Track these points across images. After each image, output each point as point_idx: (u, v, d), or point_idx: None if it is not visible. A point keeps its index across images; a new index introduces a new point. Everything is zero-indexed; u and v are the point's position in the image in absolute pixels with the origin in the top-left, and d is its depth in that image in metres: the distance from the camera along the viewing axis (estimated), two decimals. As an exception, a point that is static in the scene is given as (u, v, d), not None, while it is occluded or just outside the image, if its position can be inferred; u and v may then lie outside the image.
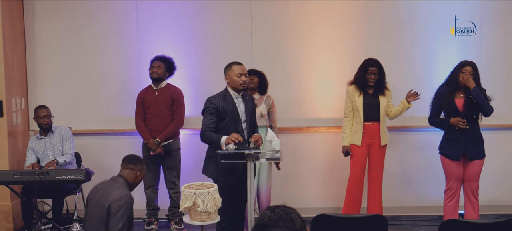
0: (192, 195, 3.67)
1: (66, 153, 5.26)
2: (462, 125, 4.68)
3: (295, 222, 2.01)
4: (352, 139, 5.15)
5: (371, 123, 5.11)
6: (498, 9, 5.68)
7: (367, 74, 5.06)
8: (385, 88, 5.17)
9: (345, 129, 5.18)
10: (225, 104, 4.17)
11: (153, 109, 5.28)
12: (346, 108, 5.18)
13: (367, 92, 5.14)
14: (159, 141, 5.21)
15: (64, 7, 5.74)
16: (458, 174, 4.83)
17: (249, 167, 3.92)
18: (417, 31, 5.72)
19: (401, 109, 5.17)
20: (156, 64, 5.29)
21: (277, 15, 5.75)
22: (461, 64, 4.78)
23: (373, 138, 5.13)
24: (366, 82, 5.09)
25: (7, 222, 5.40)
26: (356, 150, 5.14)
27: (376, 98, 5.12)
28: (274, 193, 5.25)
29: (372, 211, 5.15)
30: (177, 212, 5.35)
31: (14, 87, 5.55)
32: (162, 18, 5.73)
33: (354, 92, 5.13)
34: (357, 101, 5.09)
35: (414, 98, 5.16)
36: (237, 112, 4.18)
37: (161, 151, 5.22)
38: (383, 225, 3.48)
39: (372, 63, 5.07)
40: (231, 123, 4.13)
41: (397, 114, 5.20)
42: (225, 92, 4.23)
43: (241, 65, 4.22)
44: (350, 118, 5.16)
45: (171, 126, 5.28)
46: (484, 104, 4.69)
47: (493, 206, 5.71)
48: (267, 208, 2.09)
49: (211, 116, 4.13)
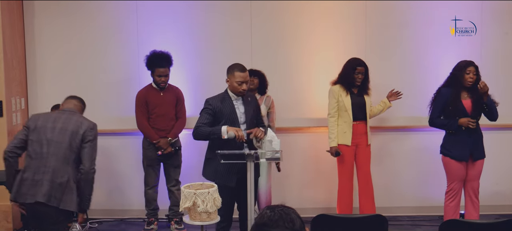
0: (192, 195, 3.67)
1: None
2: (472, 125, 4.68)
3: (294, 222, 2.01)
4: (340, 139, 5.14)
5: (359, 122, 5.13)
6: (498, 9, 5.68)
7: (355, 73, 5.06)
8: (368, 88, 5.19)
9: (332, 129, 5.16)
10: (223, 106, 4.17)
11: (159, 109, 5.27)
12: (331, 108, 5.16)
13: (353, 92, 5.14)
14: (171, 139, 5.21)
15: (64, 7, 5.74)
16: (461, 175, 4.82)
17: (249, 167, 3.92)
18: (417, 31, 5.72)
19: (382, 109, 5.23)
20: (162, 73, 5.19)
21: (277, 15, 5.75)
22: (465, 65, 4.72)
23: (361, 137, 5.16)
24: (353, 82, 5.09)
25: (7, 222, 5.41)
26: (346, 150, 5.15)
27: (362, 98, 5.14)
28: (274, 193, 5.25)
29: (365, 211, 5.18)
30: (177, 211, 5.35)
31: (14, 87, 5.55)
32: (162, 18, 5.73)
33: (341, 92, 5.12)
34: (345, 101, 5.09)
35: (395, 97, 5.21)
36: (234, 115, 4.18)
37: (172, 150, 5.23)
38: (383, 225, 3.47)
39: (360, 63, 5.09)
40: (228, 124, 4.12)
41: (377, 113, 5.25)
42: (224, 93, 4.23)
43: (245, 72, 4.16)
44: (336, 118, 5.15)
45: (178, 124, 5.31)
46: (495, 110, 4.75)
47: (493, 206, 5.70)
48: (267, 207, 2.09)
49: (207, 115, 4.15)
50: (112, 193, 5.87)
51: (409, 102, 5.55)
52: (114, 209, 5.84)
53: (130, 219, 5.77)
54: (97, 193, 5.76)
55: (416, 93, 5.61)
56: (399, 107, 5.51)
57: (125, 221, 5.75)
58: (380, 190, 5.53)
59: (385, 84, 5.45)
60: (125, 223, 5.72)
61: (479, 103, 4.71)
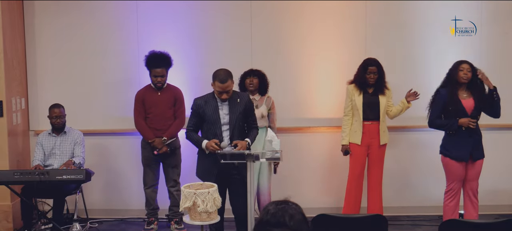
0: (192, 195, 3.67)
1: (77, 155, 5.26)
2: (473, 125, 4.68)
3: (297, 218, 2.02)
4: (351, 138, 5.17)
5: (371, 122, 5.13)
6: (498, 9, 5.68)
7: (367, 73, 5.08)
8: (385, 88, 5.18)
9: (344, 128, 5.20)
10: (206, 106, 4.25)
11: (155, 109, 5.28)
12: (346, 107, 5.20)
13: (367, 91, 5.15)
14: (166, 139, 5.21)
15: (64, 7, 5.74)
16: (461, 175, 4.83)
17: (249, 167, 3.93)
18: (417, 31, 5.72)
19: (401, 109, 5.19)
20: (158, 73, 5.22)
21: (277, 15, 5.75)
22: (458, 63, 4.79)
23: (373, 137, 5.15)
24: (366, 82, 5.11)
25: (7, 222, 5.41)
26: (356, 149, 5.16)
27: (376, 98, 5.13)
28: (274, 193, 5.25)
29: (372, 211, 5.17)
30: (177, 211, 5.35)
31: (14, 87, 5.55)
32: (162, 18, 5.73)
33: (354, 92, 5.14)
34: (356, 101, 5.11)
35: (413, 97, 5.17)
36: (216, 115, 4.22)
37: (167, 150, 5.23)
38: (383, 225, 3.48)
39: (371, 63, 5.09)
40: (210, 125, 4.23)
41: (397, 113, 5.22)
42: (212, 93, 4.30)
43: (225, 83, 4.14)
44: (350, 117, 5.18)
45: (175, 124, 5.29)
46: (499, 105, 4.72)
47: (493, 206, 5.70)
48: (270, 203, 2.11)
49: (193, 118, 4.33)
50: (112, 193, 5.87)
51: (409, 102, 5.55)
52: (114, 209, 5.84)
53: (130, 219, 5.77)
54: (97, 193, 5.81)
55: (416, 93, 5.62)
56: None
57: (125, 221, 5.75)
58: (380, 190, 5.53)
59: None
60: (125, 223, 5.72)
61: (482, 98, 4.71)
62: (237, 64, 5.26)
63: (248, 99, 4.38)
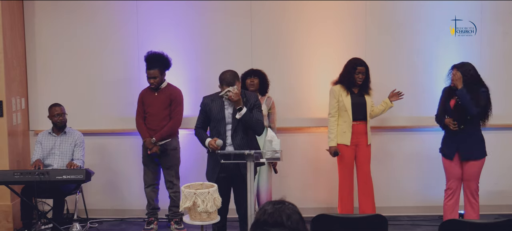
0: (192, 195, 3.67)
1: (77, 158, 5.26)
2: (453, 126, 4.73)
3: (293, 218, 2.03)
4: (340, 139, 5.16)
5: (359, 122, 5.14)
6: (498, 9, 5.68)
7: (356, 73, 5.08)
8: (369, 88, 5.19)
9: (332, 129, 5.18)
10: (212, 105, 4.29)
11: (151, 109, 5.28)
12: (332, 108, 5.18)
13: (353, 92, 5.15)
14: (155, 140, 5.21)
15: (64, 7, 5.74)
16: (456, 173, 4.85)
17: (249, 167, 3.93)
18: (417, 31, 5.72)
19: (383, 109, 5.25)
20: (151, 75, 5.22)
21: (277, 15, 5.75)
22: (451, 68, 4.83)
23: (361, 137, 5.17)
24: (354, 82, 5.10)
25: (7, 222, 5.41)
26: (345, 150, 5.16)
27: (362, 98, 5.16)
28: (274, 193, 5.26)
29: (365, 210, 5.19)
30: (177, 211, 5.35)
31: (14, 87, 5.55)
32: (162, 18, 5.73)
33: (341, 92, 5.13)
34: (345, 101, 5.10)
35: (396, 98, 5.23)
36: (222, 115, 4.25)
37: (157, 150, 5.22)
38: (383, 225, 3.48)
39: (360, 63, 5.12)
40: (215, 124, 4.27)
41: (379, 113, 5.27)
42: (219, 93, 4.29)
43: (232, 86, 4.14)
44: (336, 117, 5.17)
45: (168, 125, 5.26)
46: (468, 105, 4.64)
47: (493, 206, 5.70)
48: (267, 202, 2.12)
49: (200, 115, 4.39)
50: (112, 193, 5.87)
51: (409, 102, 5.55)
52: (114, 209, 5.84)
53: (130, 219, 5.77)
54: (97, 193, 5.81)
55: (416, 93, 5.62)
56: (399, 107, 5.51)
57: (125, 221, 5.75)
58: (380, 190, 5.53)
59: (385, 84, 5.45)
60: (125, 223, 5.72)
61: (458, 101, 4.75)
62: (237, 64, 5.24)
63: (255, 100, 4.33)
